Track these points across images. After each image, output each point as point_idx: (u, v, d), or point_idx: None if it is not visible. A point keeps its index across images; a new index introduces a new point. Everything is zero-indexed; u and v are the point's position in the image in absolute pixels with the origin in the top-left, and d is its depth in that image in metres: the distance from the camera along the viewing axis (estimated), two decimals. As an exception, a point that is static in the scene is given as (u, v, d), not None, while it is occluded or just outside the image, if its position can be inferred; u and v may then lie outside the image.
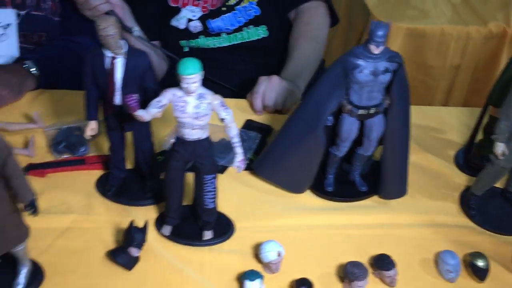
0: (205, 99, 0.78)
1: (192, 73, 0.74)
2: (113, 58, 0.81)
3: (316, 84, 0.90)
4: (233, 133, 0.82)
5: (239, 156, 0.84)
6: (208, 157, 0.83)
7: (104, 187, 0.98)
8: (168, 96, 0.78)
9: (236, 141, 0.83)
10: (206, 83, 0.80)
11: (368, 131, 0.93)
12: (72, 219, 0.93)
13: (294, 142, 0.94)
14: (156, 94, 0.82)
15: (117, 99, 0.85)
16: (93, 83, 0.85)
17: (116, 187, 0.97)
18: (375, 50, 0.83)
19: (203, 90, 0.78)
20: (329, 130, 0.95)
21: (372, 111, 0.90)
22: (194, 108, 0.78)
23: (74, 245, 0.88)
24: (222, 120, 0.80)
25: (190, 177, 0.91)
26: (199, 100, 0.77)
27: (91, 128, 0.87)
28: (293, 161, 0.96)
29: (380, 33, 0.81)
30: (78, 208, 0.95)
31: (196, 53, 1.46)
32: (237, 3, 1.47)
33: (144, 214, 0.94)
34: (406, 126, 0.94)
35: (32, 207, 0.70)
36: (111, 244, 0.89)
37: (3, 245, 0.72)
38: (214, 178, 0.85)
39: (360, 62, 0.84)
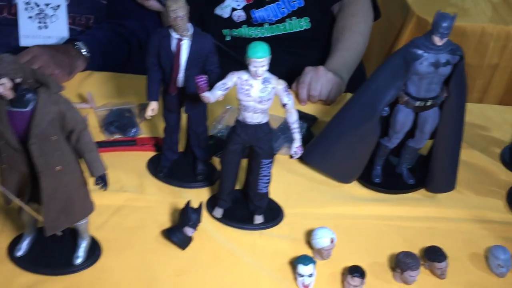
0: (269, 84, 0.79)
1: (262, 57, 0.75)
2: (180, 40, 0.82)
3: (374, 74, 0.90)
4: (293, 118, 0.83)
5: (297, 142, 0.85)
6: (267, 141, 0.84)
7: (156, 168, 0.99)
8: (233, 79, 0.79)
9: (295, 127, 0.84)
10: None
11: (422, 124, 0.94)
12: (125, 197, 0.95)
13: (347, 131, 0.95)
14: (218, 77, 0.83)
15: (180, 80, 0.86)
16: (157, 64, 0.86)
17: (168, 168, 0.99)
18: (439, 41, 0.83)
19: (268, 75, 0.79)
20: (382, 121, 0.95)
21: (429, 103, 0.90)
22: (259, 92, 0.79)
23: (129, 223, 0.90)
24: (284, 105, 0.81)
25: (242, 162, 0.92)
26: (264, 84, 0.78)
27: (152, 108, 0.89)
28: (344, 151, 0.97)
29: (445, 24, 0.81)
30: (131, 187, 0.97)
31: (238, 42, 1.47)
32: (282, -7, 1.47)
33: (195, 196, 0.95)
34: (460, 120, 0.94)
35: (103, 181, 0.72)
36: (164, 223, 0.90)
37: (71, 218, 0.73)
38: (271, 163, 0.86)
39: (422, 53, 0.85)
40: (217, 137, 1.09)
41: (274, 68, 1.48)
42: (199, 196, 0.96)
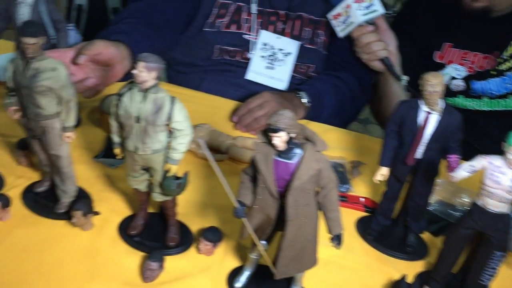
0: (524, 175, 0.73)
1: (525, 147, 0.71)
2: (428, 113, 0.82)
3: None
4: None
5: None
6: (505, 233, 0.78)
7: (365, 230, 0.99)
8: (483, 162, 0.75)
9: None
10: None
11: None
12: (333, 253, 0.93)
13: None
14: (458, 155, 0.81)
15: (419, 153, 0.85)
16: (396, 132, 0.86)
17: (378, 233, 0.98)
18: None
19: (524, 165, 0.74)
20: None
21: None
22: (511, 182, 0.74)
23: (335, 280, 0.90)
24: (526, 198, 0.75)
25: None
26: (518, 174, 0.73)
27: (382, 173, 0.89)
28: None
29: None
30: (339, 244, 0.97)
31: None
32: (509, 69, 1.39)
33: (402, 268, 0.92)
34: None
35: (338, 240, 0.74)
36: (369, 289, 0.89)
37: (299, 266, 0.76)
38: (503, 256, 0.80)
39: None
40: (428, 211, 1.05)
41: (487, 143, 1.41)
42: (406, 268, 0.92)
